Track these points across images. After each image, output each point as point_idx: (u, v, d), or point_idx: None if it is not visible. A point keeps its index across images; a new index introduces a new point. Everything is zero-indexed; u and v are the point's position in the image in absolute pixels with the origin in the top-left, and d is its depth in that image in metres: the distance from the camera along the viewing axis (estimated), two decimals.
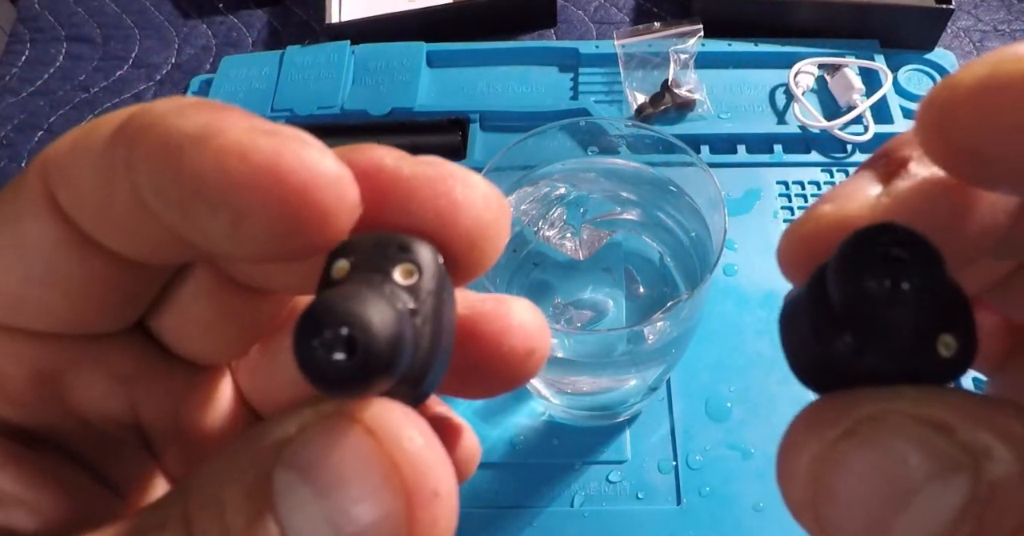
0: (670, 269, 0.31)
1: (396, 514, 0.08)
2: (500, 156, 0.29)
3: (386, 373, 0.08)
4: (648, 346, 0.28)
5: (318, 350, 0.08)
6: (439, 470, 0.09)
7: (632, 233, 0.32)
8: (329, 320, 0.08)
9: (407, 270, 0.09)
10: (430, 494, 0.09)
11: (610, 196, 0.32)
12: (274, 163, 0.09)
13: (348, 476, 0.08)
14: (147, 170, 0.09)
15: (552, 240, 0.31)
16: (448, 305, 0.10)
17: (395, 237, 0.10)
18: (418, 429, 0.09)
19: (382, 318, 0.08)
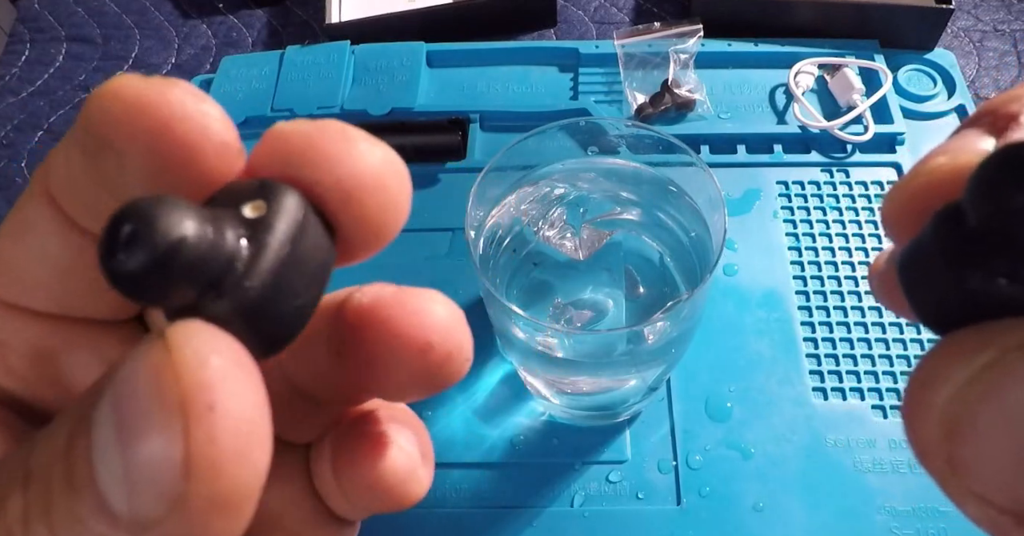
0: (670, 269, 0.31)
1: (172, 427, 0.08)
2: (500, 156, 0.29)
3: (174, 275, 0.08)
4: (648, 346, 0.28)
5: (108, 246, 0.08)
6: (220, 385, 0.08)
7: (632, 233, 0.32)
8: (118, 217, 0.08)
9: (256, 206, 0.09)
10: (203, 408, 0.08)
11: (610, 196, 0.32)
12: (139, 101, 0.09)
13: (139, 389, 0.08)
14: (78, 133, 0.10)
15: (552, 240, 0.31)
16: (308, 249, 0.10)
17: (262, 181, 0.10)
18: (215, 347, 0.08)
19: (170, 219, 0.08)
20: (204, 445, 0.08)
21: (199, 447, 0.08)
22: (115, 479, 0.08)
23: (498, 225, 0.31)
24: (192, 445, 0.08)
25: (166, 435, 0.08)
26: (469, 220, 0.28)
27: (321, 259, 0.10)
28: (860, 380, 0.36)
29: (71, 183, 0.10)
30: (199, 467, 0.08)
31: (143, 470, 0.08)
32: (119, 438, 0.08)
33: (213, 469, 0.08)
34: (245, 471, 0.08)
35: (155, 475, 0.08)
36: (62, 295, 0.11)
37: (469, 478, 0.35)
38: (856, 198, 0.42)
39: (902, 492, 0.33)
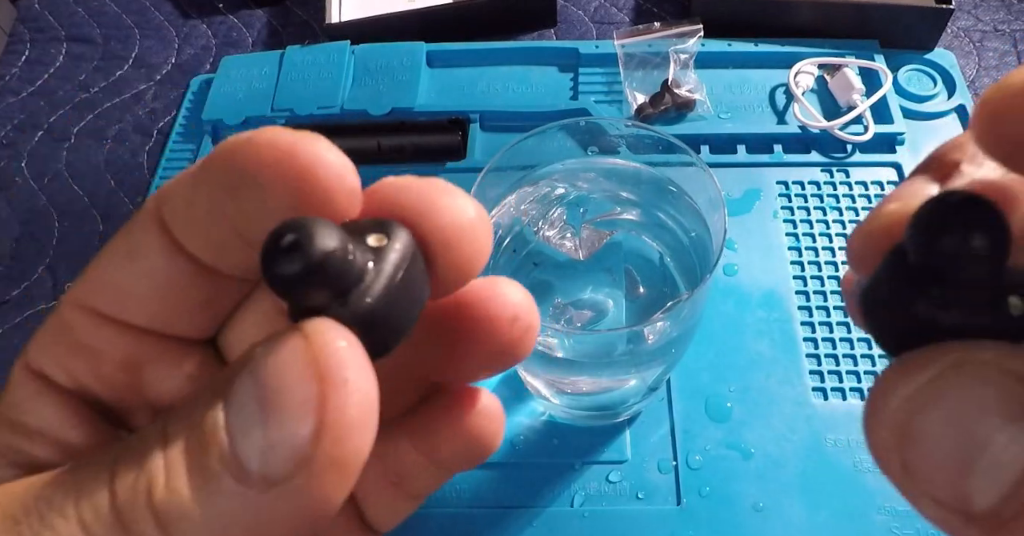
0: (670, 269, 0.31)
1: (312, 395, 0.10)
2: (500, 156, 0.29)
3: (320, 280, 0.10)
4: (648, 346, 0.28)
5: (270, 251, 0.10)
6: (353, 364, 0.10)
7: (632, 233, 0.32)
8: (282, 229, 0.10)
9: (378, 237, 0.11)
10: (341, 380, 0.10)
11: (610, 196, 0.32)
12: (291, 149, 0.11)
13: (280, 367, 0.10)
14: (214, 171, 0.12)
15: (552, 240, 0.31)
16: (414, 278, 0.11)
17: (381, 219, 0.12)
18: (344, 338, 0.10)
19: (324, 236, 0.10)
20: (336, 412, 0.10)
21: (333, 414, 0.10)
22: (252, 441, 0.10)
23: (498, 225, 0.31)
24: (327, 412, 0.10)
25: (305, 403, 0.10)
26: None
27: (421, 289, 0.12)
28: (860, 380, 0.36)
29: (191, 215, 0.12)
30: (329, 432, 0.10)
31: (280, 432, 0.10)
32: (261, 406, 0.10)
33: (339, 435, 0.10)
34: (362, 440, 0.10)
35: (289, 438, 0.10)
36: (157, 313, 0.13)
37: (469, 478, 0.35)
38: (856, 198, 0.42)
39: None
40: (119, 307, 0.13)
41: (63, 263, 0.45)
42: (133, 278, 0.12)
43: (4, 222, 0.47)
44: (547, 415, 0.36)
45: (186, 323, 0.13)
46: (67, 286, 0.44)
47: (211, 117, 0.47)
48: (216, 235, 0.12)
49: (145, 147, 0.49)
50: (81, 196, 0.47)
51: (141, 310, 0.13)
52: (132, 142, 0.50)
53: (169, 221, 0.12)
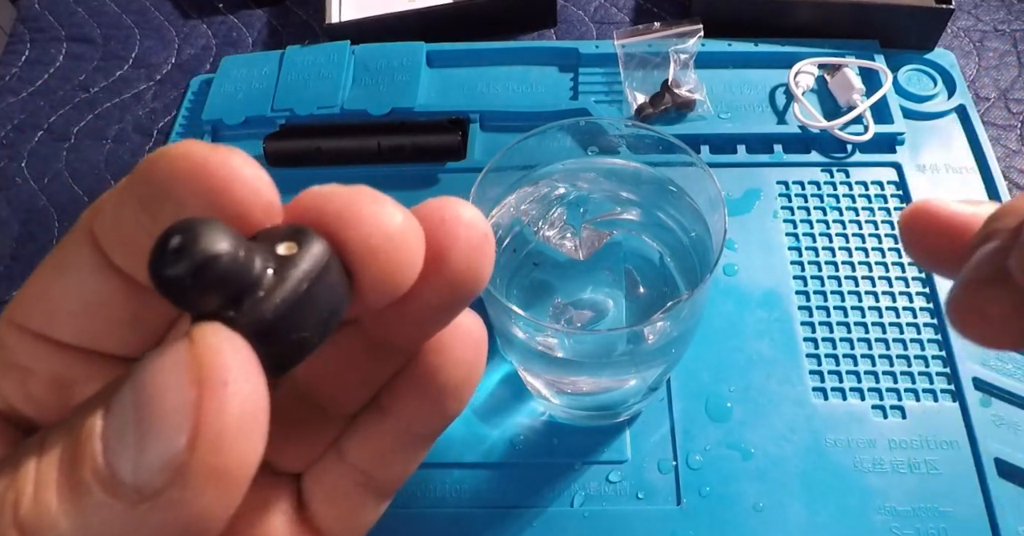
0: (670, 269, 0.31)
1: (188, 400, 0.09)
2: (500, 156, 0.29)
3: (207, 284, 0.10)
4: (648, 346, 0.28)
5: (157, 252, 0.10)
6: (235, 367, 0.10)
7: (632, 233, 0.32)
8: (170, 230, 0.10)
9: (288, 246, 0.11)
10: (219, 383, 0.09)
11: (610, 196, 0.32)
12: (204, 163, 0.11)
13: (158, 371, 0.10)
14: (135, 184, 0.11)
15: (552, 240, 0.31)
16: (325, 289, 0.11)
17: (298, 227, 0.11)
18: (228, 339, 0.10)
19: (212, 238, 0.10)
20: (213, 416, 0.09)
21: (208, 417, 0.09)
22: (125, 450, 0.09)
23: (498, 225, 0.31)
24: (202, 416, 0.09)
25: (181, 407, 0.09)
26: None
27: (334, 302, 0.11)
28: (860, 380, 0.36)
29: (118, 228, 0.12)
30: (205, 438, 0.09)
31: (153, 440, 0.09)
32: (135, 412, 0.10)
33: (217, 441, 0.09)
34: (244, 447, 0.09)
35: (162, 446, 0.09)
36: (89, 329, 0.12)
37: (469, 478, 0.35)
38: (856, 198, 0.42)
39: (902, 492, 0.33)
40: (48, 324, 0.12)
41: None
42: (63, 294, 0.12)
43: (4, 222, 0.47)
44: (547, 415, 0.36)
45: (117, 340, 0.13)
46: None
47: (211, 117, 0.47)
48: (141, 249, 0.11)
49: (145, 147, 0.49)
50: (81, 196, 0.47)
51: (70, 326, 0.12)
52: (132, 142, 0.50)
53: (99, 236, 0.12)
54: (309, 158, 0.45)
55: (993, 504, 0.33)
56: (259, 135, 0.45)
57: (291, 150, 0.45)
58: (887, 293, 0.39)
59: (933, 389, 0.36)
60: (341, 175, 0.44)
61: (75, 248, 0.12)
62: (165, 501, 0.09)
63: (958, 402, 0.35)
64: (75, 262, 0.12)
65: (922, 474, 0.34)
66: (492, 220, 0.31)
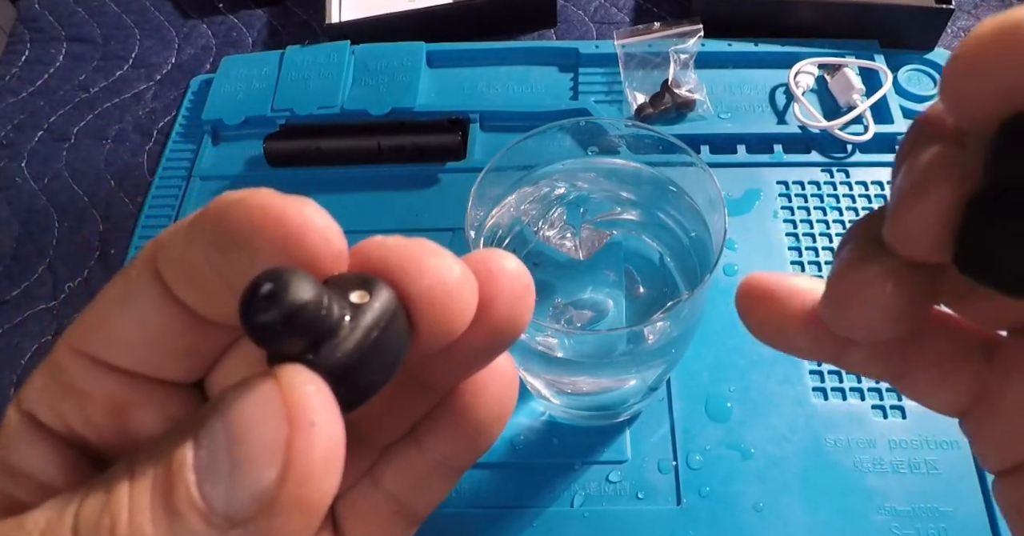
0: (670, 269, 0.31)
1: (279, 438, 0.10)
2: (500, 156, 0.29)
3: (294, 329, 0.11)
4: (648, 346, 0.28)
5: (249, 299, 0.10)
6: (320, 409, 0.10)
7: (632, 233, 0.32)
8: (261, 278, 0.11)
9: (361, 294, 0.12)
10: (307, 423, 0.10)
11: (610, 196, 0.32)
12: (281, 214, 0.12)
13: (249, 409, 0.10)
14: (207, 227, 0.12)
15: (552, 240, 0.31)
16: (392, 336, 0.12)
17: (367, 276, 0.12)
18: (313, 383, 0.11)
19: (300, 287, 0.11)
20: (302, 454, 0.10)
21: (298, 456, 0.10)
22: (218, 481, 0.10)
23: (498, 225, 0.31)
24: (292, 454, 0.10)
25: (272, 445, 0.10)
26: (469, 220, 0.28)
27: (399, 347, 0.12)
28: (860, 380, 0.36)
29: (185, 264, 0.12)
30: (294, 473, 0.10)
31: (246, 473, 0.10)
32: (228, 446, 0.10)
33: (305, 477, 0.10)
34: (326, 483, 0.10)
35: (255, 480, 0.10)
36: (147, 357, 0.13)
37: (469, 478, 0.35)
38: (856, 198, 0.42)
39: (902, 492, 0.33)
40: (109, 351, 0.13)
41: (63, 263, 0.45)
42: (125, 323, 0.13)
43: (4, 222, 0.47)
44: (547, 415, 0.36)
45: (174, 367, 0.13)
46: (67, 286, 0.44)
47: (211, 117, 0.47)
48: (208, 287, 0.12)
49: (145, 147, 0.49)
50: (81, 196, 0.47)
51: (131, 354, 0.13)
52: (132, 142, 0.50)
53: (163, 270, 0.13)
54: (309, 158, 0.45)
55: (993, 504, 0.33)
56: (259, 135, 0.45)
57: (291, 150, 0.45)
58: None
59: None
60: (341, 175, 0.44)
61: (138, 280, 0.13)
62: (253, 529, 0.10)
63: None
64: (138, 293, 0.13)
65: (922, 474, 0.34)
66: (492, 220, 0.31)
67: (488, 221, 0.31)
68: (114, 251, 0.45)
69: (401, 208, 0.43)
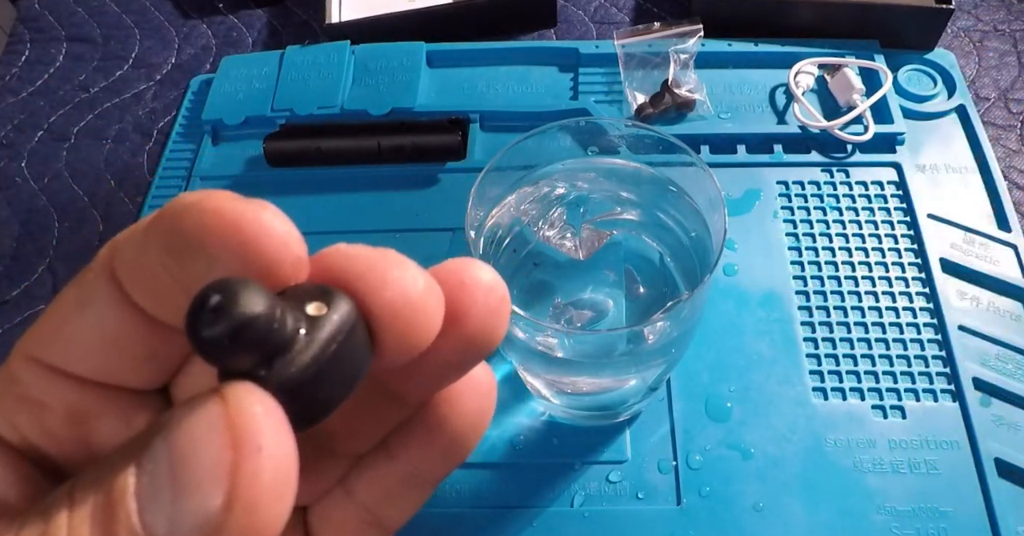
0: (670, 269, 0.31)
1: (223, 462, 0.10)
2: (500, 156, 0.29)
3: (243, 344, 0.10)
4: (648, 346, 0.28)
5: (195, 312, 0.10)
6: (268, 432, 0.10)
7: (632, 233, 0.32)
8: (208, 290, 0.10)
9: (318, 306, 0.11)
10: (254, 448, 0.10)
11: (610, 196, 0.32)
12: (236, 218, 0.11)
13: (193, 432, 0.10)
14: (162, 231, 0.11)
15: (552, 240, 0.31)
16: (351, 350, 0.11)
17: (325, 287, 0.12)
18: (262, 403, 0.10)
19: (249, 299, 0.10)
20: (249, 480, 0.10)
21: (244, 481, 0.10)
22: (160, 509, 0.10)
23: (498, 225, 0.31)
24: (239, 479, 0.10)
25: (217, 469, 0.10)
26: (469, 220, 0.28)
27: (359, 361, 0.12)
28: (860, 380, 0.36)
29: (141, 268, 0.12)
30: (241, 500, 0.09)
31: (189, 500, 0.10)
32: (171, 471, 0.10)
33: (252, 503, 0.10)
34: (276, 509, 0.10)
35: (199, 507, 0.09)
36: (105, 364, 0.13)
37: (469, 478, 0.35)
38: (856, 198, 0.42)
39: (902, 492, 0.33)
40: (65, 358, 0.12)
41: (63, 263, 0.45)
42: (81, 328, 0.12)
43: (4, 222, 0.47)
44: (547, 415, 0.36)
45: (133, 374, 0.13)
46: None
47: (211, 117, 0.47)
48: (165, 292, 0.12)
49: (145, 147, 0.49)
50: (81, 196, 0.47)
51: (88, 361, 0.12)
52: (132, 142, 0.50)
53: (120, 274, 0.12)
54: (309, 158, 0.45)
55: (993, 504, 0.33)
56: (259, 135, 0.45)
57: (291, 150, 0.45)
58: (887, 293, 0.39)
59: (933, 389, 0.36)
60: (341, 175, 0.44)
61: (94, 284, 0.12)
62: None
63: (958, 402, 0.35)
64: (94, 298, 0.12)
65: (922, 474, 0.34)
66: (492, 220, 0.31)
67: (488, 221, 0.31)
68: None
69: (401, 208, 0.43)
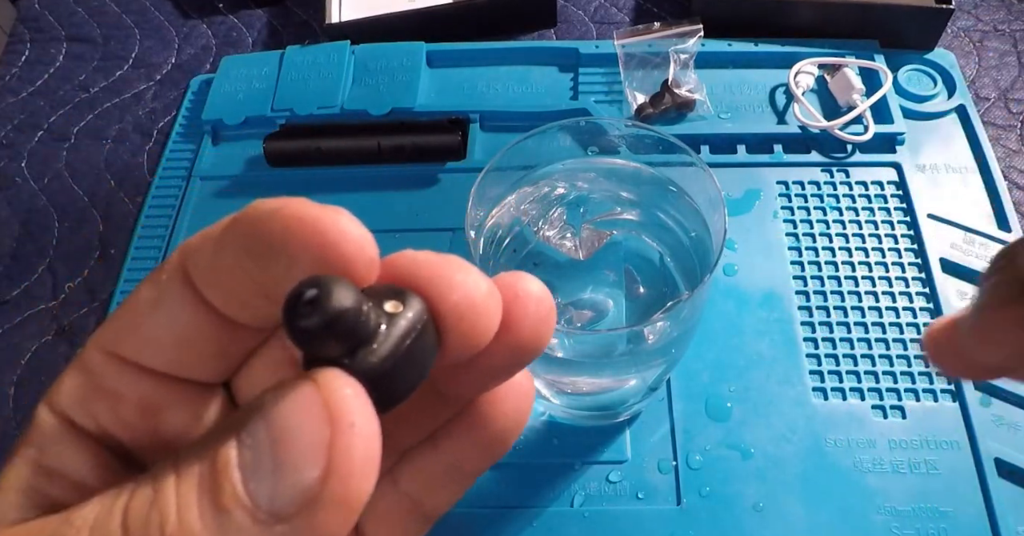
0: (670, 269, 0.31)
1: (322, 437, 0.11)
2: (500, 156, 0.29)
3: (334, 334, 0.11)
4: (648, 346, 0.28)
5: (292, 304, 0.11)
6: (358, 411, 0.11)
7: (632, 233, 0.32)
8: (305, 284, 0.11)
9: (394, 304, 0.12)
10: (347, 425, 0.11)
11: (610, 196, 0.32)
12: (317, 223, 0.12)
13: (292, 410, 0.11)
14: (241, 235, 0.12)
15: (552, 240, 0.31)
16: (422, 345, 0.12)
17: (400, 288, 0.13)
18: (351, 386, 0.11)
19: (341, 294, 0.11)
20: (343, 454, 0.11)
21: (340, 454, 0.11)
22: (263, 479, 0.11)
23: (498, 225, 0.31)
24: (335, 453, 0.11)
25: (315, 444, 0.11)
26: (469, 220, 0.28)
27: (428, 356, 0.13)
28: (860, 380, 0.36)
29: (216, 272, 0.13)
30: (337, 472, 0.11)
31: (290, 472, 0.11)
32: (272, 446, 0.11)
33: (345, 476, 0.11)
34: (366, 480, 0.11)
35: (299, 478, 0.11)
36: (176, 358, 0.14)
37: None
38: (856, 198, 0.42)
39: (902, 492, 0.33)
40: (141, 352, 0.13)
41: (63, 263, 0.45)
42: (156, 326, 0.13)
43: (4, 222, 0.47)
44: (547, 415, 0.36)
45: (203, 369, 0.14)
46: (67, 286, 0.44)
47: (211, 117, 0.47)
48: (239, 292, 0.13)
49: (145, 147, 0.49)
50: (81, 196, 0.47)
51: (162, 356, 0.13)
52: (132, 142, 0.50)
53: (193, 275, 0.13)
54: (309, 158, 0.45)
55: (993, 504, 0.33)
56: (259, 135, 0.45)
57: (291, 150, 0.45)
58: (887, 293, 0.39)
59: (933, 389, 0.36)
60: (341, 175, 0.44)
61: (169, 284, 0.13)
62: (298, 524, 0.11)
63: (958, 402, 0.35)
64: (169, 297, 0.13)
65: (922, 474, 0.34)
66: (492, 220, 0.31)
67: (488, 221, 0.31)
68: (114, 251, 0.45)
69: (401, 208, 0.43)
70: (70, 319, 0.43)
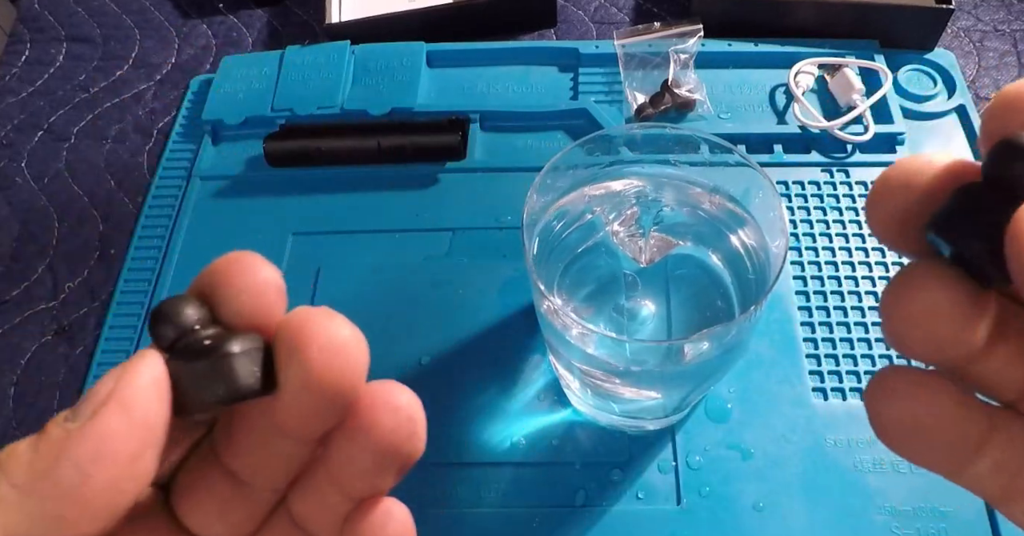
0: (728, 290, 0.31)
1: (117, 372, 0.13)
2: (576, 145, 0.29)
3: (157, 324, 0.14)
4: (684, 363, 0.28)
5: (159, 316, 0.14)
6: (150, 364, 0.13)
7: (700, 247, 0.32)
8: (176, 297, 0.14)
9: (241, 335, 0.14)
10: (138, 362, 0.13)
11: (685, 207, 0.32)
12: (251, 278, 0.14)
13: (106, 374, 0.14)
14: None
15: (619, 236, 0.31)
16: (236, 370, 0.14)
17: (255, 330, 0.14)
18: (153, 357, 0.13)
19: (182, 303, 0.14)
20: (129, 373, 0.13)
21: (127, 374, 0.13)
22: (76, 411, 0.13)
23: (566, 211, 0.31)
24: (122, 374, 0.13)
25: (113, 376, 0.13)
26: (528, 209, 0.27)
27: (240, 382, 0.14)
28: (860, 380, 0.36)
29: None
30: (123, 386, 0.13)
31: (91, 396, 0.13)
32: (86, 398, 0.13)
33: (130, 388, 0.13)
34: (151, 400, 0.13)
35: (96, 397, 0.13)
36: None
37: (469, 478, 0.35)
38: (856, 198, 0.42)
39: (902, 492, 0.33)
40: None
41: (63, 263, 0.45)
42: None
43: (4, 222, 0.47)
44: (547, 415, 0.36)
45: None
46: (67, 286, 0.44)
47: (211, 117, 0.47)
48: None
49: (145, 147, 0.49)
50: (81, 196, 0.47)
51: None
52: (132, 142, 0.50)
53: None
54: (309, 158, 0.45)
55: None
56: (259, 135, 0.45)
57: (291, 150, 0.45)
58: None
59: None
60: (341, 175, 0.44)
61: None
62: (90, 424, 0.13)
63: None
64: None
65: (922, 474, 0.34)
66: (561, 204, 0.31)
67: (553, 207, 0.31)
68: (114, 251, 0.45)
69: (401, 208, 0.43)
70: (70, 319, 0.43)
